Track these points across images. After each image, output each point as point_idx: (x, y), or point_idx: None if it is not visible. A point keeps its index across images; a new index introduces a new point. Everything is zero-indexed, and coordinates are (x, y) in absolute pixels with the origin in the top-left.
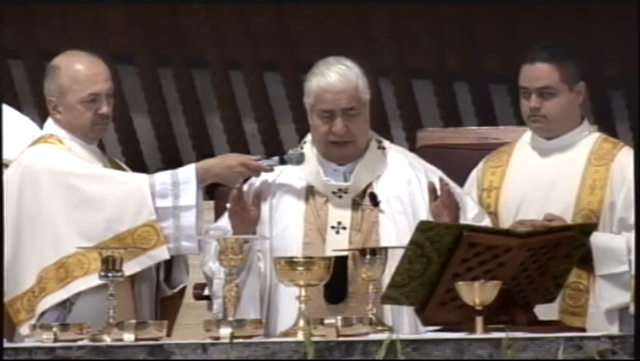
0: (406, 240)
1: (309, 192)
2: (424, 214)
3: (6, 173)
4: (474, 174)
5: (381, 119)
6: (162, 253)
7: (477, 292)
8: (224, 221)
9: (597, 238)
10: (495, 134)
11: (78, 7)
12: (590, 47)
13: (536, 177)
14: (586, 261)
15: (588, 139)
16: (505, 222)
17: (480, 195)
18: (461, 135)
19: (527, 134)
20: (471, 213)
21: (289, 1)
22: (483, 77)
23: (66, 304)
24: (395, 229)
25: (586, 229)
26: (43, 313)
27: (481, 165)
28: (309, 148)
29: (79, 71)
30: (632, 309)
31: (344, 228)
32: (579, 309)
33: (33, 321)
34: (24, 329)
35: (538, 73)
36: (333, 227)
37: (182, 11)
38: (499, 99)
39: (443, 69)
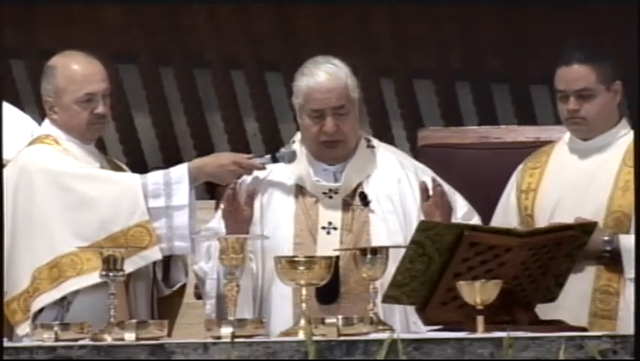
0: (396, 239)
1: (299, 192)
2: (415, 213)
3: (3, 173)
4: (514, 175)
5: (383, 119)
6: (154, 254)
7: (478, 292)
8: (216, 222)
9: (626, 241)
10: (496, 133)
11: (78, 7)
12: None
13: (572, 178)
14: (616, 264)
15: (625, 139)
16: (541, 225)
17: (519, 196)
18: (462, 135)
19: (567, 135)
20: (460, 212)
21: (290, 1)
22: (484, 76)
23: (64, 303)
24: (386, 229)
25: (587, 228)
26: (38, 313)
27: (521, 166)
28: (298, 148)
29: (75, 71)
30: None
31: (335, 228)
32: (609, 312)
33: (29, 321)
34: (21, 330)
35: (575, 75)
36: (323, 227)
37: (183, 11)
38: (501, 99)
39: (444, 69)
